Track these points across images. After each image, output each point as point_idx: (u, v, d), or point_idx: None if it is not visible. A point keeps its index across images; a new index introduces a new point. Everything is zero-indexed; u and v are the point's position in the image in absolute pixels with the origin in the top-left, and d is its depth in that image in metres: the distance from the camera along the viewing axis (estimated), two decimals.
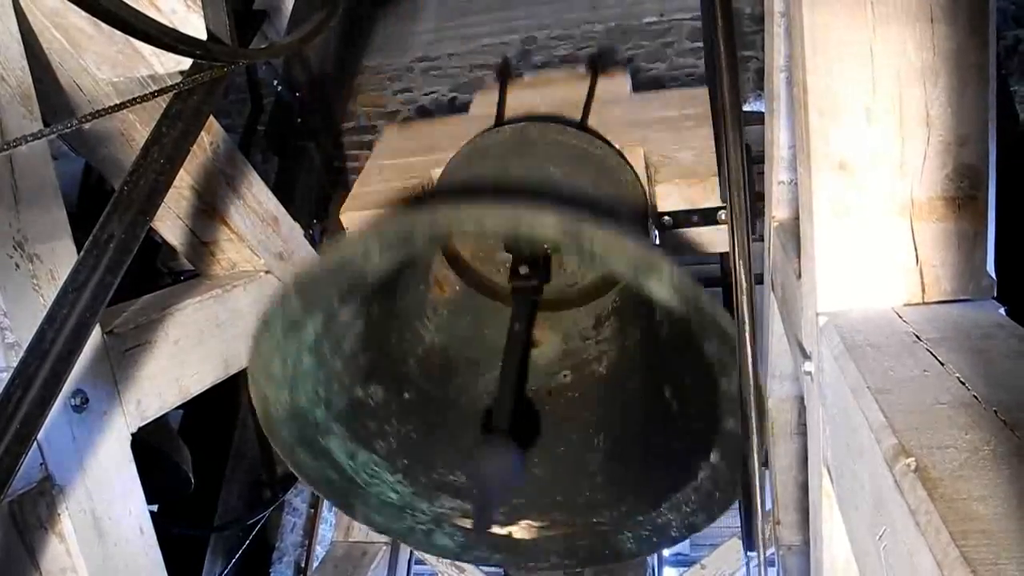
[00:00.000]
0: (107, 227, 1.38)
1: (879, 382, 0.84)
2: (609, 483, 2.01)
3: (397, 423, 2.06)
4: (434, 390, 2.18)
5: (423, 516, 2.03)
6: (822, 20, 1.02)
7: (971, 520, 0.61)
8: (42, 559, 1.47)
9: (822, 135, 1.06)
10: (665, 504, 1.86)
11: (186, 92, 1.54)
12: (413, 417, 2.10)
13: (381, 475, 1.99)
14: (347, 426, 1.94)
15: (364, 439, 1.97)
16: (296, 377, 1.76)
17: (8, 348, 1.40)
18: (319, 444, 1.88)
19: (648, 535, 1.92)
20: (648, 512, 1.89)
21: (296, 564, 4.67)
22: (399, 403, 2.08)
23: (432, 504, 2.03)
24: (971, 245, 1.03)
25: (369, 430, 1.99)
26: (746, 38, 4.08)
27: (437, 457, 2.08)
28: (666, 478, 1.86)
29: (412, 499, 2.02)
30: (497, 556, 2.08)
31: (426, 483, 2.04)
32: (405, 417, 2.08)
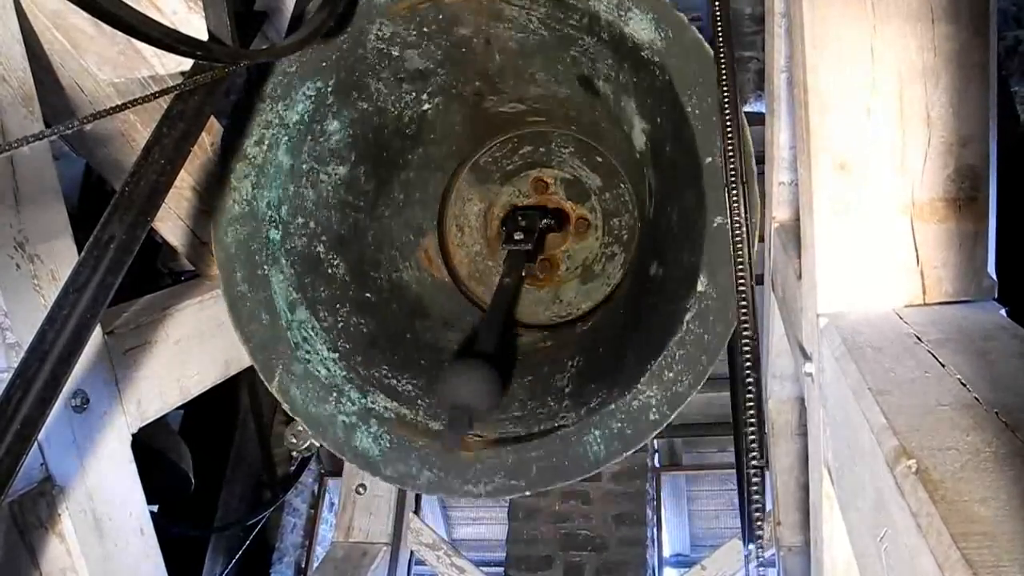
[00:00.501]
0: (108, 228, 1.38)
1: (880, 383, 0.84)
2: (578, 389, 1.79)
3: (350, 308, 1.90)
4: (398, 312, 2.05)
5: (349, 406, 1.79)
6: (823, 20, 1.02)
7: (972, 522, 0.60)
8: (42, 559, 1.47)
9: (823, 136, 1.05)
10: (643, 378, 1.61)
11: (187, 93, 1.53)
12: (368, 315, 1.94)
13: (315, 344, 1.79)
14: (296, 272, 1.77)
15: (310, 297, 1.79)
16: (266, 167, 1.63)
17: (9, 348, 1.40)
18: (261, 271, 1.73)
19: (620, 428, 1.63)
20: (623, 396, 1.63)
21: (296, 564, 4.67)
22: (358, 294, 1.94)
23: (364, 396, 1.80)
24: (972, 246, 1.03)
25: (319, 294, 1.82)
26: (746, 38, 4.08)
27: (383, 358, 1.89)
28: (645, 347, 1.65)
29: (343, 383, 1.80)
30: (427, 474, 1.76)
31: (364, 374, 1.83)
32: (360, 309, 1.93)
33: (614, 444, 1.63)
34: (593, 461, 1.65)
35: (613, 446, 1.63)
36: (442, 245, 2.35)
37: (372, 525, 3.24)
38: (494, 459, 1.72)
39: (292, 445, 3.35)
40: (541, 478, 1.69)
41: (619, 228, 2.31)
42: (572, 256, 2.35)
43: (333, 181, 1.84)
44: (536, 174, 2.37)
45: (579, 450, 1.65)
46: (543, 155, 2.34)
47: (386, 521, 3.25)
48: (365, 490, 3.28)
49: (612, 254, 2.31)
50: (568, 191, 2.35)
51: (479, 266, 2.38)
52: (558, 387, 1.84)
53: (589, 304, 2.30)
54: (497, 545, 5.23)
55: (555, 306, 2.33)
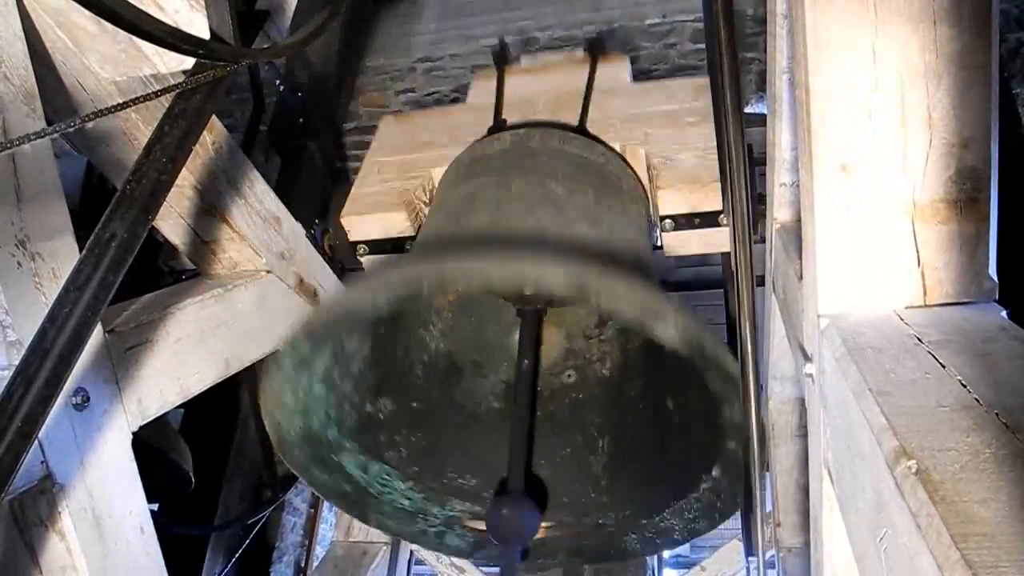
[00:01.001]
0: (109, 226, 1.38)
1: (880, 384, 0.84)
2: (613, 486, 2.04)
3: (406, 432, 2.09)
4: (440, 396, 2.19)
5: (434, 520, 2.07)
6: (824, 21, 1.02)
7: (972, 523, 0.60)
8: (42, 557, 1.47)
9: (824, 137, 1.05)
10: (668, 510, 1.89)
11: (189, 91, 1.54)
12: (421, 425, 2.13)
13: (393, 484, 2.03)
14: (358, 441, 1.98)
15: (375, 451, 2.00)
16: (307, 404, 1.80)
17: (10, 346, 1.40)
18: (332, 461, 1.92)
19: (652, 537, 1.96)
20: (651, 516, 1.92)
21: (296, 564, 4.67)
22: (407, 412, 2.11)
23: (443, 508, 2.07)
24: (973, 247, 1.03)
25: (379, 442, 2.03)
26: (748, 40, 4.08)
27: (446, 462, 2.11)
28: (668, 486, 1.89)
29: (424, 504, 2.06)
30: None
31: (436, 488, 2.07)
32: (414, 426, 2.11)
33: (647, 546, 2.00)
34: (632, 553, 2.03)
35: (647, 547, 2.01)
36: None
37: None
38: (556, 543, 2.05)
39: None
40: (592, 558, 2.10)
41: None
42: None
43: (361, 360, 1.96)
44: None
45: (620, 545, 2.02)
46: None
47: None
48: None
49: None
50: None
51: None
52: (595, 475, 2.07)
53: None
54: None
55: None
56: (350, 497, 1.99)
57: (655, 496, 1.93)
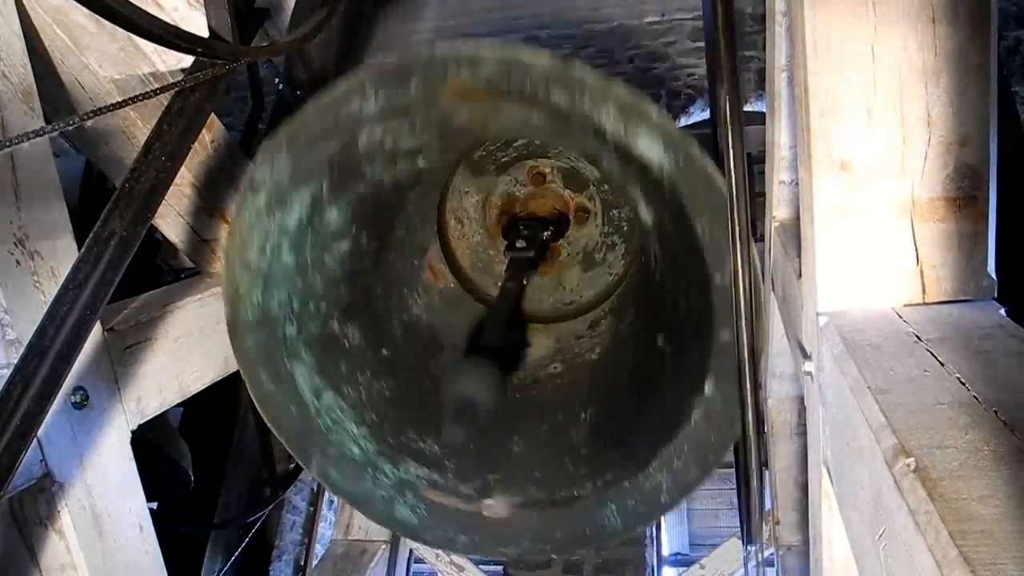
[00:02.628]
0: (108, 224, 1.38)
1: (879, 382, 0.84)
2: (592, 455, 1.88)
3: (371, 375, 1.94)
4: (414, 358, 2.09)
5: (385, 480, 1.88)
6: (824, 20, 1.02)
7: (971, 520, 0.61)
8: (42, 556, 1.47)
9: (823, 135, 1.05)
10: (654, 462, 1.72)
11: (188, 90, 1.54)
12: (388, 375, 1.99)
13: (345, 424, 1.86)
14: (316, 357, 1.82)
15: (333, 378, 1.85)
16: (272, 272, 1.67)
17: (8, 345, 1.40)
18: (284, 367, 1.77)
19: (634, 505, 1.77)
20: (635, 475, 1.75)
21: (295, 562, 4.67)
22: (376, 356, 1.97)
23: (397, 468, 1.88)
24: (971, 245, 1.03)
25: (339, 371, 1.87)
26: (747, 38, 4.08)
27: (409, 421, 1.95)
28: (655, 432, 1.74)
29: (376, 458, 1.88)
30: (463, 538, 1.90)
31: (393, 444, 1.90)
32: (380, 371, 1.97)
33: (629, 519, 1.79)
34: (612, 532, 1.81)
35: (628, 520, 1.79)
36: (444, 245, 2.35)
37: (371, 523, 3.24)
38: (522, 524, 1.86)
39: None
40: (566, 544, 1.86)
41: (618, 219, 2.31)
42: (573, 243, 2.35)
43: (338, 258, 1.86)
44: (532, 164, 2.36)
45: (599, 522, 1.80)
46: (539, 146, 2.34)
47: None
48: None
49: (612, 244, 2.31)
50: (566, 180, 2.34)
51: (481, 255, 2.37)
52: (573, 446, 1.92)
53: (592, 293, 2.29)
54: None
55: (558, 293, 2.33)
56: (295, 423, 1.81)
57: (640, 449, 1.77)
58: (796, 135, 1.42)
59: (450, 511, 1.88)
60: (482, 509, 1.86)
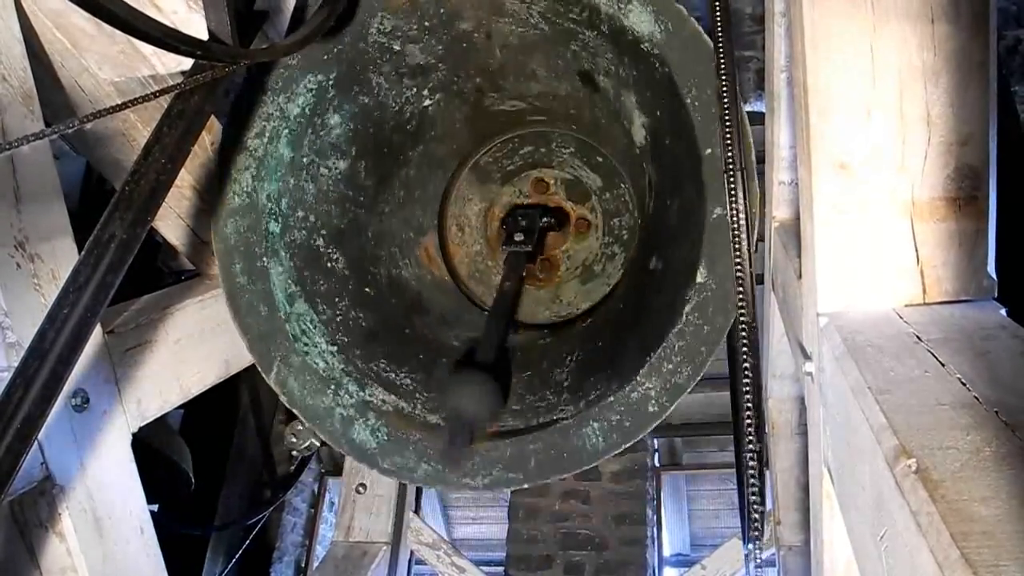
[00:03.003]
0: (108, 227, 1.38)
1: (880, 383, 0.84)
2: (577, 383, 1.77)
3: (349, 303, 1.90)
4: (397, 308, 2.05)
5: (347, 399, 1.78)
6: (823, 20, 1.02)
7: (972, 521, 0.60)
8: (42, 558, 1.47)
9: (823, 135, 1.05)
10: (642, 370, 1.59)
11: (187, 92, 1.53)
12: (367, 310, 1.94)
13: (314, 337, 1.79)
14: (296, 264, 1.78)
15: (309, 290, 1.79)
16: (266, 160, 1.63)
17: (9, 347, 1.40)
18: (260, 263, 1.73)
19: (619, 420, 1.61)
20: (621, 387, 1.62)
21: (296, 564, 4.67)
22: (357, 288, 1.93)
23: (362, 389, 1.79)
24: (972, 245, 1.03)
25: (318, 286, 1.82)
26: (747, 38, 4.08)
27: (381, 353, 1.89)
28: (644, 339, 1.64)
29: (341, 376, 1.79)
30: (424, 467, 1.75)
31: (362, 368, 1.82)
32: (359, 304, 1.92)
33: (613, 436, 1.61)
34: (592, 453, 1.63)
35: (612, 438, 1.61)
36: (442, 244, 2.35)
37: (372, 524, 3.24)
38: (492, 452, 1.70)
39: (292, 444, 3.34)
40: (540, 471, 1.67)
41: (619, 228, 2.31)
42: (572, 256, 2.35)
43: (333, 175, 1.84)
44: (537, 174, 2.37)
45: (578, 442, 1.63)
46: (543, 155, 2.34)
47: (386, 520, 3.25)
48: (365, 489, 3.28)
49: (612, 254, 2.31)
50: (568, 191, 2.35)
51: (479, 266, 2.38)
52: (557, 381, 1.82)
53: (588, 304, 2.30)
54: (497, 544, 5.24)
55: (555, 306, 2.33)
56: (261, 323, 1.75)
57: (627, 360, 1.66)
58: (796, 135, 1.42)
59: (413, 439, 1.75)
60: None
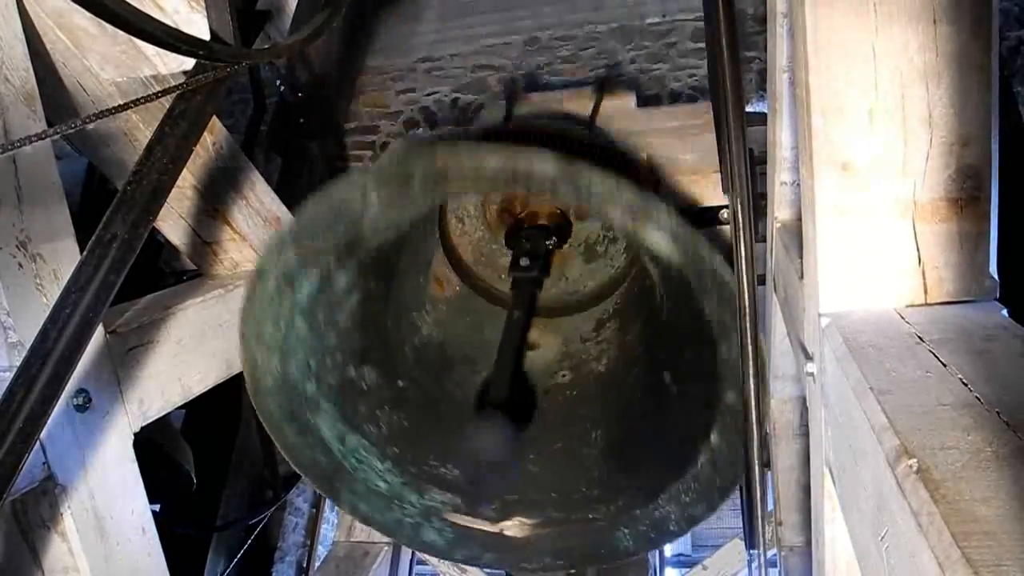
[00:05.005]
0: (110, 227, 1.39)
1: (881, 383, 0.84)
2: (606, 478, 1.98)
3: (389, 409, 2.02)
4: (428, 381, 2.15)
5: (412, 509, 1.99)
6: (825, 21, 1.02)
7: (973, 521, 0.60)
8: (44, 558, 1.48)
9: (825, 136, 1.05)
10: (663, 496, 1.82)
11: (189, 92, 1.54)
12: (406, 405, 2.06)
13: (370, 461, 1.95)
14: (337, 405, 1.89)
15: (354, 421, 1.93)
16: (288, 343, 1.71)
17: (11, 348, 1.41)
18: (308, 420, 1.84)
19: (645, 530, 1.88)
20: (645, 505, 1.86)
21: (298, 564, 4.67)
22: (392, 389, 2.04)
23: (422, 496, 1.99)
24: (974, 246, 1.02)
25: (360, 413, 1.95)
26: (749, 39, 4.08)
27: (429, 448, 2.04)
28: (664, 468, 1.83)
29: (401, 489, 1.98)
30: (488, 555, 2.03)
31: (416, 474, 2.00)
32: (397, 404, 2.04)
33: (641, 541, 1.91)
34: (625, 551, 1.92)
35: (640, 543, 1.91)
36: (446, 248, 2.35)
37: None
38: (542, 542, 1.96)
39: None
40: (583, 560, 1.99)
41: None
42: (574, 235, 2.36)
43: (349, 312, 1.90)
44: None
45: (613, 542, 1.92)
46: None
47: None
48: None
49: (613, 237, 2.32)
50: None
51: (484, 250, 2.38)
52: (587, 467, 2.01)
53: (594, 284, 2.31)
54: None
55: (561, 283, 2.34)
56: (323, 469, 1.90)
57: (650, 482, 1.87)
58: (797, 136, 1.42)
59: (474, 532, 1.97)
60: (503, 529, 1.98)
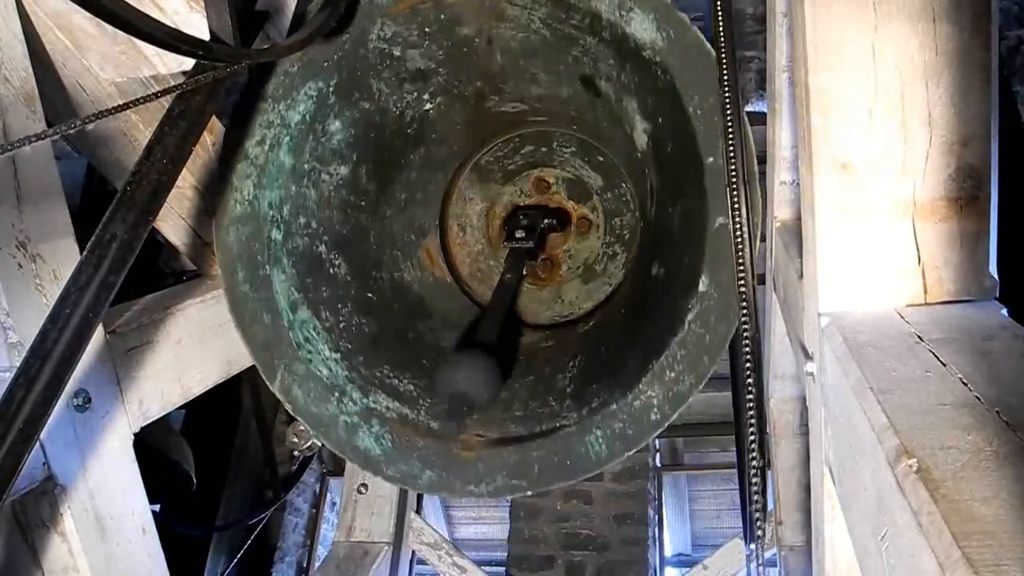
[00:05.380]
0: (110, 227, 1.38)
1: (881, 383, 0.84)
2: (580, 390, 1.78)
3: (352, 308, 1.90)
4: (400, 310, 2.06)
5: (351, 406, 1.79)
6: (824, 20, 1.02)
7: (973, 521, 0.60)
8: (44, 558, 1.47)
9: (824, 135, 1.05)
10: (645, 378, 1.60)
11: (189, 93, 1.53)
12: (370, 315, 1.95)
13: (317, 344, 1.79)
14: (298, 271, 1.79)
15: (311, 297, 1.80)
16: (268, 167, 1.65)
17: (11, 348, 1.41)
18: (263, 270, 1.74)
19: (622, 428, 1.63)
20: (624, 396, 1.63)
21: (298, 564, 4.68)
22: (360, 294, 1.94)
23: (366, 396, 1.80)
24: (973, 245, 1.03)
25: (320, 293, 1.83)
26: (748, 38, 4.08)
27: (385, 359, 1.89)
28: (647, 348, 1.65)
29: (344, 383, 1.80)
30: (428, 474, 1.76)
31: (365, 374, 1.83)
32: (362, 310, 1.93)
33: (616, 444, 1.63)
34: (595, 460, 1.65)
35: (615, 446, 1.63)
36: (444, 244, 2.35)
37: (374, 525, 3.25)
38: (496, 459, 1.71)
39: (294, 444, 3.35)
40: (543, 478, 1.68)
41: (621, 227, 2.31)
42: (574, 256, 2.35)
43: (335, 181, 1.85)
44: (538, 174, 2.37)
45: (581, 449, 1.65)
46: (545, 155, 2.34)
47: (388, 521, 3.26)
48: (367, 490, 3.28)
49: (614, 253, 2.31)
50: (570, 191, 2.35)
51: (480, 265, 2.38)
52: (560, 387, 1.83)
53: (590, 304, 2.30)
54: (499, 545, 5.24)
55: (556, 306, 2.33)
56: (265, 332, 1.76)
57: (629, 368, 1.67)
58: (797, 135, 1.42)
59: (417, 445, 1.77)
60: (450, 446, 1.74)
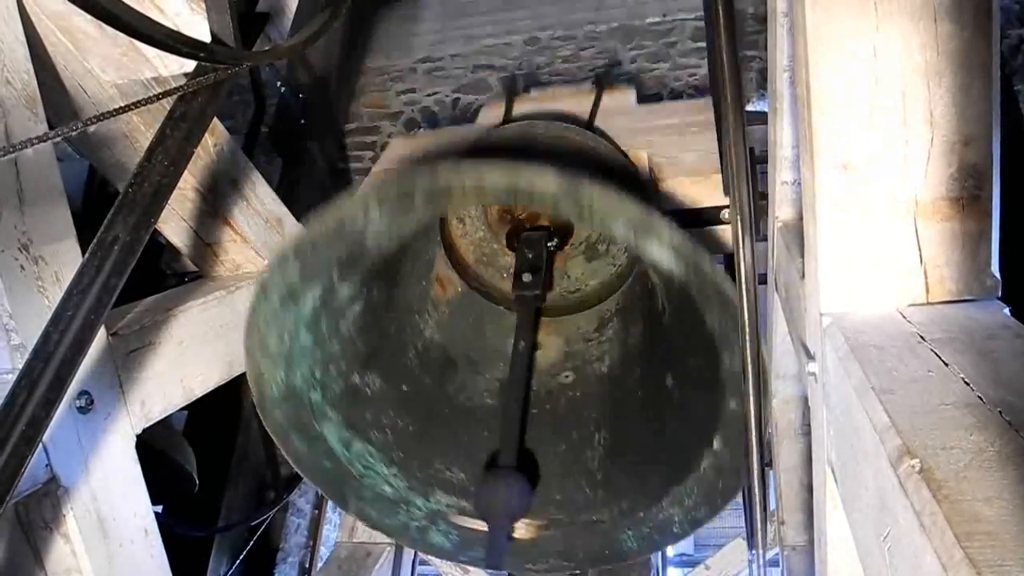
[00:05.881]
0: (112, 229, 1.39)
1: (883, 383, 0.84)
2: (609, 480, 1.99)
3: (394, 414, 2.03)
4: (432, 385, 2.16)
5: (418, 512, 1.99)
6: (825, 19, 1.02)
7: (976, 521, 0.60)
8: (47, 559, 1.48)
9: (826, 135, 1.05)
10: (667, 499, 1.83)
11: (190, 94, 1.54)
12: (410, 410, 2.07)
13: (376, 467, 1.96)
14: (343, 413, 1.91)
15: (360, 428, 1.94)
16: (292, 354, 1.73)
17: (13, 350, 1.41)
18: (314, 429, 1.85)
19: (649, 532, 1.89)
20: (649, 508, 1.86)
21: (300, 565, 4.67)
22: (397, 394, 2.06)
23: (427, 500, 2.00)
24: (975, 245, 1.02)
25: (365, 419, 1.97)
26: (749, 38, 4.08)
27: (434, 452, 2.05)
28: (668, 471, 1.84)
29: (407, 493, 1.99)
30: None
31: (422, 478, 2.01)
32: (402, 409, 2.05)
33: (644, 543, 1.91)
34: (630, 553, 1.93)
35: (644, 544, 1.92)
36: (447, 247, 2.35)
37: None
38: (548, 543, 1.97)
39: None
40: (588, 562, 1.99)
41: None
42: (576, 234, 2.35)
43: (352, 320, 1.91)
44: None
45: (617, 545, 1.93)
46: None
47: None
48: None
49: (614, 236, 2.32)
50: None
51: (485, 250, 2.38)
52: (590, 470, 2.02)
53: (596, 283, 2.31)
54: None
55: (563, 281, 2.34)
56: (330, 475, 1.92)
57: (653, 485, 1.87)
58: (798, 135, 1.42)
59: (480, 534, 1.96)
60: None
